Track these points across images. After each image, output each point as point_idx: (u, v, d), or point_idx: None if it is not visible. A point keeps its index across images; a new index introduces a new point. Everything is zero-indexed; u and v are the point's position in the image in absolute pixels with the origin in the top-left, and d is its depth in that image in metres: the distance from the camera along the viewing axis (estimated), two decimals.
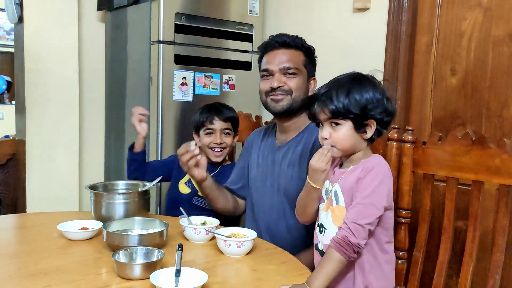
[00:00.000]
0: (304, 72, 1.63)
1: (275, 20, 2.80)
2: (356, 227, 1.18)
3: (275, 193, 1.64)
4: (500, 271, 1.37)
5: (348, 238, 1.16)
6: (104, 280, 1.18)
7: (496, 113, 1.95)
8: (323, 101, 1.24)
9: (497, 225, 1.39)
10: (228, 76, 2.58)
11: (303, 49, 1.63)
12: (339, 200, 1.27)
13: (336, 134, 1.25)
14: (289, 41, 1.62)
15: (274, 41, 1.63)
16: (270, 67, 1.62)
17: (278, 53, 1.61)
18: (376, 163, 1.26)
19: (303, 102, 1.62)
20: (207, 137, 1.96)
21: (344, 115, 1.23)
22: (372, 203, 1.20)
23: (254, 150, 1.78)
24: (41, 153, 2.61)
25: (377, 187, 1.22)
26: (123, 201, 1.56)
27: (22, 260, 1.31)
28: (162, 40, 2.34)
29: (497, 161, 1.36)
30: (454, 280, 1.67)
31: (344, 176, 1.28)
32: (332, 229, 1.28)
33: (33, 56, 2.55)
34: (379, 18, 2.26)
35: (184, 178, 1.99)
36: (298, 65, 1.61)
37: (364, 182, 1.22)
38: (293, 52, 1.61)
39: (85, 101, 2.86)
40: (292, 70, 1.60)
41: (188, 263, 1.23)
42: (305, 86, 1.63)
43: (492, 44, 1.95)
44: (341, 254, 1.16)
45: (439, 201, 1.80)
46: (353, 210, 1.21)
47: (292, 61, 1.60)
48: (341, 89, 1.23)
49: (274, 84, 1.59)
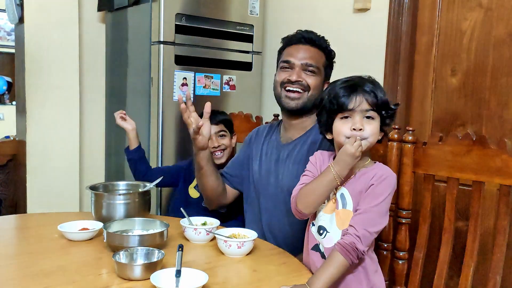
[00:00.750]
0: (323, 73, 1.63)
1: (275, 21, 2.80)
2: (365, 234, 1.17)
3: (278, 191, 1.63)
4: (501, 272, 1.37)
5: (355, 245, 1.16)
6: (104, 281, 1.18)
7: (496, 114, 1.95)
8: (367, 91, 1.22)
9: (497, 225, 1.39)
10: (229, 77, 2.58)
11: (326, 51, 1.64)
12: (346, 204, 1.26)
13: (370, 127, 1.23)
14: (315, 39, 1.62)
15: (301, 36, 1.63)
16: (292, 60, 1.60)
17: (303, 48, 1.61)
18: (389, 172, 1.26)
19: (315, 102, 1.62)
20: None
21: (381, 109, 1.24)
22: (383, 213, 1.21)
23: (255, 146, 1.76)
24: (41, 154, 2.62)
25: (388, 197, 1.22)
26: (123, 202, 1.57)
27: (23, 261, 1.31)
28: (162, 40, 2.35)
29: (498, 161, 1.36)
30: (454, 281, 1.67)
31: (351, 180, 1.27)
32: (335, 232, 1.27)
33: (34, 56, 2.56)
34: (380, 18, 2.26)
35: (193, 183, 2.00)
36: (319, 65, 1.61)
37: (377, 191, 1.21)
38: (316, 51, 1.62)
39: (86, 102, 2.86)
40: (312, 68, 1.59)
41: (189, 263, 1.23)
42: (321, 87, 1.62)
43: (492, 44, 1.95)
44: (347, 259, 1.16)
45: (440, 201, 1.79)
46: (363, 216, 1.19)
47: (314, 59, 1.60)
48: (379, 85, 1.25)
49: (293, 78, 1.58)
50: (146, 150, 2.46)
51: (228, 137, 2.01)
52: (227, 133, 2.01)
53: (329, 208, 1.29)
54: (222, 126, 1.99)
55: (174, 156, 2.41)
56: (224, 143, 1.98)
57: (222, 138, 1.99)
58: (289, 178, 1.60)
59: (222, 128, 1.99)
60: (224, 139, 1.99)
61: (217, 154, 1.97)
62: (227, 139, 2.00)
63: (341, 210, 1.26)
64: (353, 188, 1.25)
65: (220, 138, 1.98)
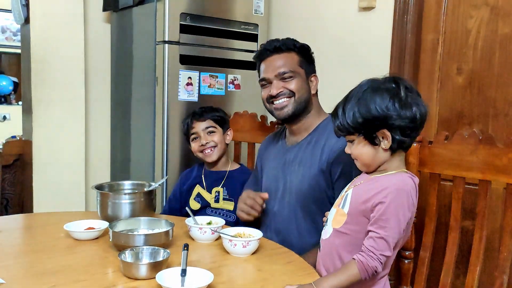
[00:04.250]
0: (301, 72, 1.62)
1: (280, 20, 2.80)
2: (385, 258, 1.16)
3: (286, 194, 1.63)
4: (507, 271, 1.36)
5: (377, 269, 1.14)
6: (110, 280, 1.18)
7: (503, 112, 1.94)
8: (337, 117, 1.23)
9: (504, 224, 1.38)
10: (234, 76, 2.58)
11: (295, 49, 1.63)
12: (345, 205, 1.25)
13: (354, 150, 1.23)
14: (279, 45, 1.61)
15: (265, 49, 1.64)
16: (267, 76, 1.62)
17: (272, 60, 1.62)
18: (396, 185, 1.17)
19: (306, 102, 1.62)
20: (195, 143, 1.94)
21: (349, 131, 1.21)
22: (398, 232, 1.16)
23: (266, 157, 1.78)
24: (47, 154, 2.63)
25: (403, 214, 1.16)
26: (129, 201, 1.57)
27: (29, 260, 1.32)
28: (167, 40, 2.35)
29: (504, 160, 1.35)
30: (461, 280, 1.66)
31: (360, 184, 1.25)
32: (329, 228, 1.28)
33: (40, 57, 2.57)
34: (385, 16, 2.25)
35: (193, 195, 1.97)
36: (293, 67, 1.61)
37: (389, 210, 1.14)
38: (285, 55, 1.61)
39: (91, 101, 2.87)
40: (288, 74, 1.60)
41: (194, 263, 1.23)
42: (305, 86, 1.63)
43: (498, 42, 1.94)
44: (362, 275, 1.15)
45: (446, 200, 1.79)
46: (382, 242, 1.14)
47: (286, 65, 1.60)
48: (346, 104, 1.21)
49: (273, 92, 1.60)
50: (150, 150, 2.47)
51: (218, 133, 1.93)
52: (217, 128, 1.93)
53: (336, 203, 1.30)
54: (210, 122, 1.93)
55: (179, 155, 2.41)
56: (214, 139, 1.91)
57: (211, 134, 1.92)
58: (296, 180, 1.60)
59: (211, 124, 1.92)
60: (213, 136, 1.91)
61: (207, 151, 1.91)
62: (217, 136, 1.92)
63: (340, 209, 1.26)
64: (356, 192, 1.24)
65: (208, 135, 1.91)
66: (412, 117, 1.16)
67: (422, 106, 1.19)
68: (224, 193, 1.91)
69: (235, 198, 1.86)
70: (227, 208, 1.90)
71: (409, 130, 1.17)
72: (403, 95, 1.16)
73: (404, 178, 1.19)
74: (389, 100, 1.16)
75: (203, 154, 1.93)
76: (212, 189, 1.93)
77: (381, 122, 1.16)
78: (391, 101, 1.16)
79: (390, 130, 1.17)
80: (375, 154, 1.21)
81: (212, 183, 1.94)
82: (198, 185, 1.96)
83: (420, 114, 1.18)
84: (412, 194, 1.18)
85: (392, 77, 1.21)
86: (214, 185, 1.93)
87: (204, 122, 1.92)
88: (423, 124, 1.21)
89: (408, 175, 1.21)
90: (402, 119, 1.16)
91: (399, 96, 1.16)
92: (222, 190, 1.91)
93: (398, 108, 1.15)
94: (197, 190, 1.95)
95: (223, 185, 1.92)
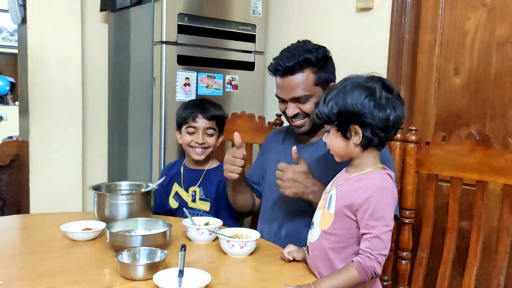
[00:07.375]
0: (318, 90, 1.55)
1: (278, 21, 2.80)
2: (383, 258, 1.16)
3: None
4: (504, 272, 1.36)
5: (375, 269, 1.15)
6: (107, 281, 1.18)
7: (500, 113, 1.94)
8: (315, 107, 1.28)
9: (501, 225, 1.39)
10: (231, 77, 2.58)
11: (311, 63, 1.53)
12: (331, 205, 1.24)
13: (328, 139, 1.26)
14: (293, 66, 1.52)
15: (278, 67, 1.55)
16: (282, 96, 1.58)
17: (285, 81, 1.55)
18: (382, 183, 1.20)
19: None
20: (189, 136, 1.87)
21: (325, 120, 1.23)
22: (390, 228, 1.17)
23: (273, 148, 1.76)
24: (44, 154, 2.62)
25: (391, 211, 1.18)
26: (126, 202, 1.57)
27: (26, 261, 1.31)
28: (165, 40, 2.35)
29: (501, 161, 1.35)
30: (458, 281, 1.67)
31: (343, 183, 1.25)
32: (316, 230, 1.27)
33: (37, 57, 2.56)
34: (382, 18, 2.25)
35: (172, 193, 1.94)
36: (308, 89, 1.53)
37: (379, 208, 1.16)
38: (300, 76, 1.52)
39: (88, 102, 2.86)
40: (302, 98, 1.54)
41: (191, 263, 1.23)
42: None
43: (496, 43, 1.95)
44: (361, 278, 1.15)
45: (443, 201, 1.79)
46: (377, 241, 1.15)
47: (300, 88, 1.53)
48: (328, 95, 1.23)
49: (289, 113, 1.57)
50: (148, 151, 2.47)
51: (215, 136, 1.90)
52: (216, 131, 1.90)
53: (321, 205, 1.30)
54: (213, 123, 1.88)
55: (176, 156, 2.41)
56: (209, 141, 1.87)
57: (209, 136, 1.88)
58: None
59: (213, 126, 1.88)
60: (210, 138, 1.88)
61: (198, 150, 1.87)
62: (213, 138, 1.89)
63: (326, 211, 1.26)
64: (340, 191, 1.24)
65: (207, 136, 1.87)
66: (384, 118, 1.18)
67: (398, 110, 1.21)
68: (201, 193, 1.88)
69: (210, 198, 1.86)
70: (204, 209, 1.87)
71: (379, 130, 1.19)
72: (380, 95, 1.19)
73: (384, 176, 1.22)
74: (365, 98, 1.18)
75: (192, 150, 1.88)
76: (189, 188, 1.90)
77: (354, 117, 1.19)
78: (367, 99, 1.18)
79: (361, 127, 1.19)
80: (346, 147, 1.23)
81: (189, 182, 1.91)
82: (176, 184, 1.94)
83: (394, 117, 1.19)
84: (394, 190, 1.21)
85: (377, 77, 1.23)
86: (192, 184, 1.90)
87: (208, 122, 1.87)
88: (397, 127, 1.23)
89: (385, 172, 1.23)
90: (374, 118, 1.18)
91: (375, 96, 1.18)
92: (199, 190, 1.88)
93: (372, 107, 1.18)
94: (175, 189, 1.93)
95: (199, 185, 1.89)
